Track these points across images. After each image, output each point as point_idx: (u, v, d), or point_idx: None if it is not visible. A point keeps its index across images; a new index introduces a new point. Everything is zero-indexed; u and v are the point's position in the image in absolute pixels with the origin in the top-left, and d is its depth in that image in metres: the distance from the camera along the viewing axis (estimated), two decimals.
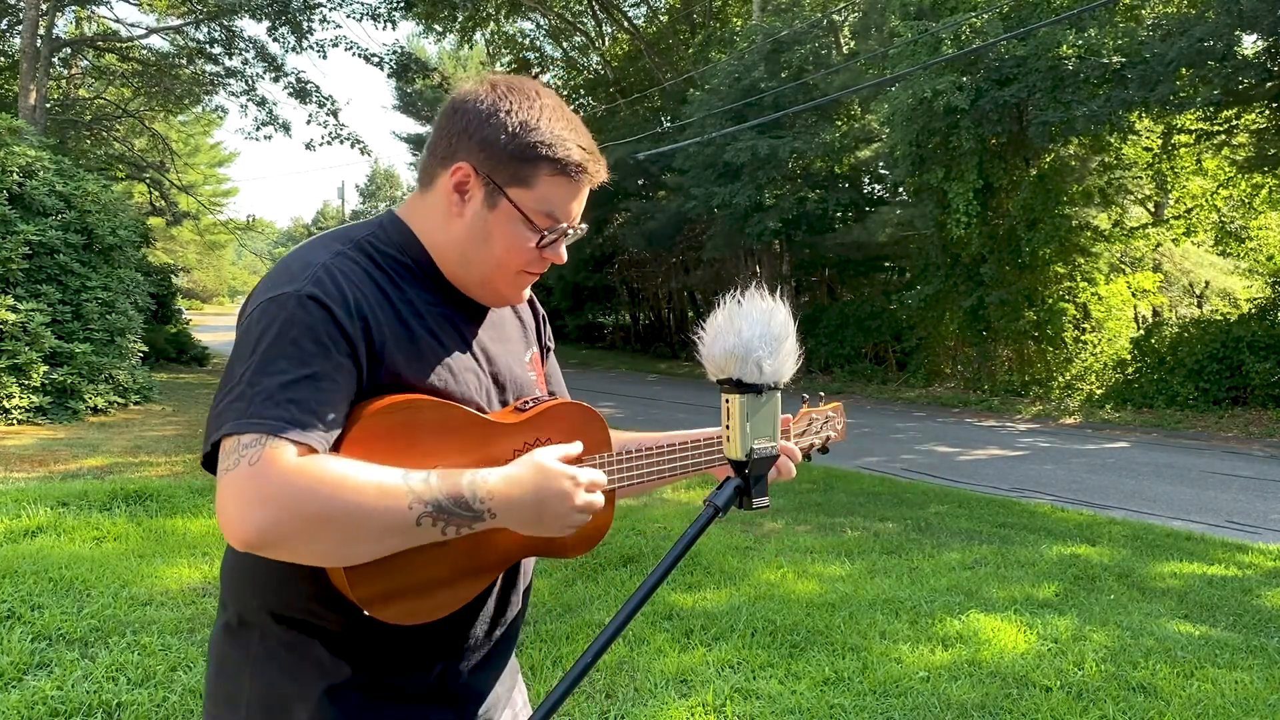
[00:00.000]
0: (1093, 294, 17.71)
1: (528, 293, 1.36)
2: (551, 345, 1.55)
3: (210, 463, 1.10)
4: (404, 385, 1.18)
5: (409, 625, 1.18)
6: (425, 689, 1.25)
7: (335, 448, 1.09)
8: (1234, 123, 15.94)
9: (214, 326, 43.94)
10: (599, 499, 1.23)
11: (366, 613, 1.14)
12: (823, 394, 1.76)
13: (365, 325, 1.14)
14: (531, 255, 1.26)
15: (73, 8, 21.09)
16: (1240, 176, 17.25)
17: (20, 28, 18.30)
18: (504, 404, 1.32)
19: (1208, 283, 19.94)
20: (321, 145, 26.52)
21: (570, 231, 1.28)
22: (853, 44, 22.75)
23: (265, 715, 1.19)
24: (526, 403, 1.33)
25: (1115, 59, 14.86)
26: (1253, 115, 15.80)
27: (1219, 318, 16.51)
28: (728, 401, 1.30)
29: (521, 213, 1.23)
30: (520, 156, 1.21)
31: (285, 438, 1.03)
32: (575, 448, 1.26)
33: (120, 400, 12.41)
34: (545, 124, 1.22)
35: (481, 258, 1.25)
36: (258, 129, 23.17)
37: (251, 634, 1.22)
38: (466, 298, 1.30)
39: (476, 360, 1.29)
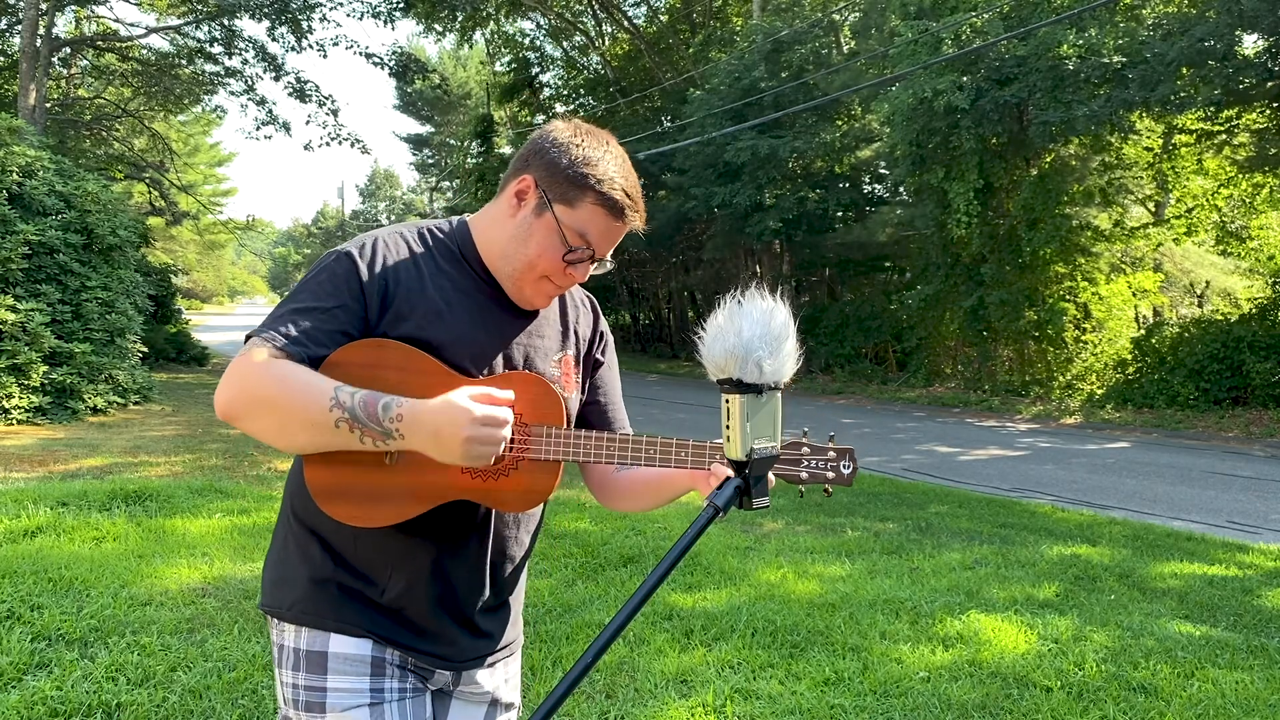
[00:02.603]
0: (1093, 294, 17.70)
1: (548, 301, 1.54)
2: (604, 360, 1.71)
3: None
4: (404, 334, 1.41)
5: (385, 553, 1.45)
6: (386, 603, 1.47)
7: (316, 367, 1.35)
8: (1235, 122, 15.93)
9: (214, 326, 43.92)
10: (493, 434, 1.33)
11: (319, 506, 1.40)
12: (833, 435, 1.64)
13: (385, 283, 1.42)
14: (557, 266, 1.47)
15: (73, 7, 21.09)
16: (1241, 176, 17.24)
17: (20, 28, 18.30)
18: None
19: (1208, 282, 19.93)
20: (321, 146, 26.60)
21: (596, 259, 1.49)
22: (853, 44, 22.76)
23: (274, 592, 1.52)
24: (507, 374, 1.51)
25: (1116, 59, 14.85)
26: (1253, 115, 15.79)
27: (1220, 317, 16.50)
28: (728, 401, 1.30)
29: (560, 227, 1.45)
30: (573, 181, 1.45)
31: (270, 344, 1.34)
32: (503, 394, 1.38)
33: (120, 400, 12.41)
34: (603, 164, 1.46)
35: (518, 255, 1.48)
36: (258, 129, 23.23)
37: (283, 528, 1.55)
38: (504, 294, 1.52)
39: (490, 337, 1.49)
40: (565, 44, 33.06)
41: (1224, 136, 16.37)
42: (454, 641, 1.53)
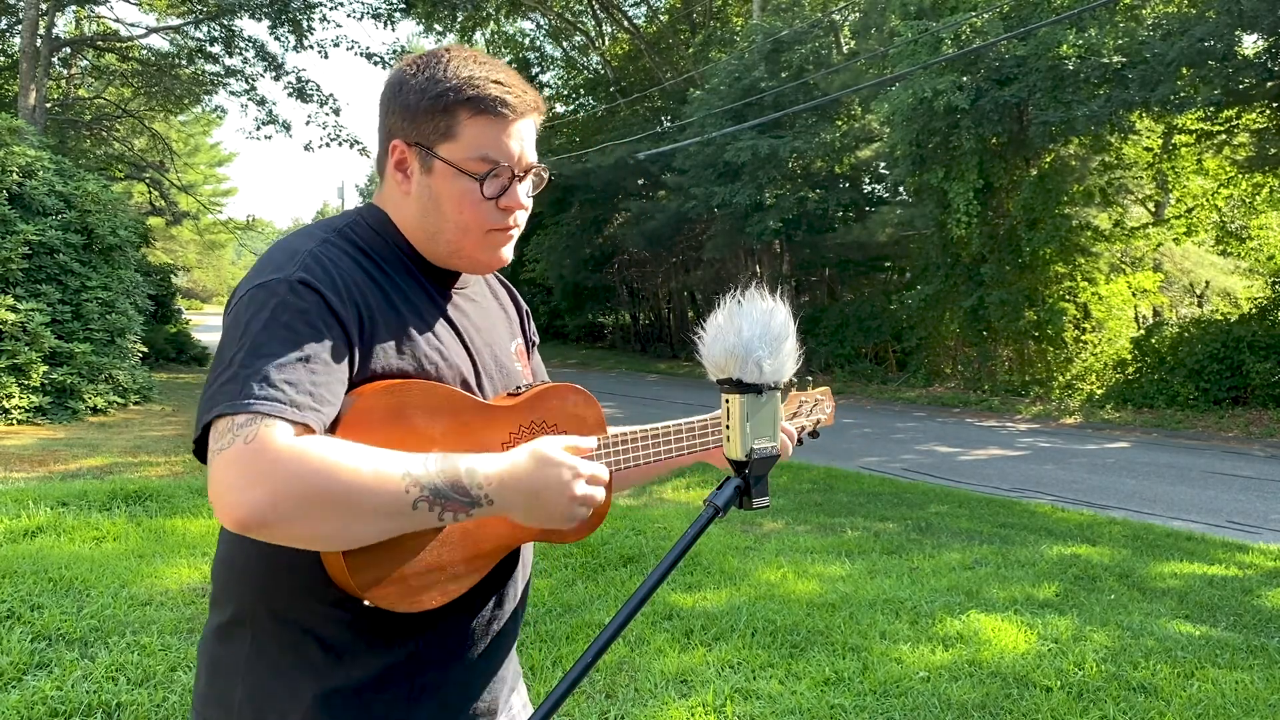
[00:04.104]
0: (1093, 294, 17.70)
1: (508, 254, 1.30)
2: (536, 340, 1.55)
3: (201, 449, 1.07)
4: (396, 370, 1.18)
5: (404, 624, 1.19)
6: (417, 688, 1.23)
7: (331, 430, 1.09)
8: (1234, 122, 15.93)
9: (214, 326, 43.93)
10: (599, 493, 1.21)
11: (366, 601, 1.12)
12: (810, 378, 1.75)
13: (358, 309, 1.15)
14: (487, 209, 1.23)
15: (73, 8, 21.09)
16: (1241, 176, 17.25)
17: (20, 28, 18.30)
18: (493, 391, 1.33)
19: (1208, 282, 19.93)
20: (321, 146, 26.64)
21: (520, 174, 1.25)
22: (853, 44, 22.75)
23: (259, 717, 1.17)
24: (519, 388, 1.34)
25: (1115, 59, 14.85)
26: (1253, 115, 15.79)
27: (1219, 317, 16.50)
28: (728, 401, 1.30)
29: (457, 167, 1.21)
30: (435, 109, 1.21)
31: (281, 417, 1.02)
32: (587, 441, 1.25)
33: (120, 400, 12.41)
34: (452, 72, 1.22)
35: (441, 226, 1.24)
36: (258, 128, 23.22)
37: (244, 633, 1.19)
38: (449, 285, 1.31)
39: (465, 346, 1.29)
40: (565, 44, 33.06)
41: (1224, 136, 16.36)
42: (493, 688, 1.35)
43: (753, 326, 1.27)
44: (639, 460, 1.39)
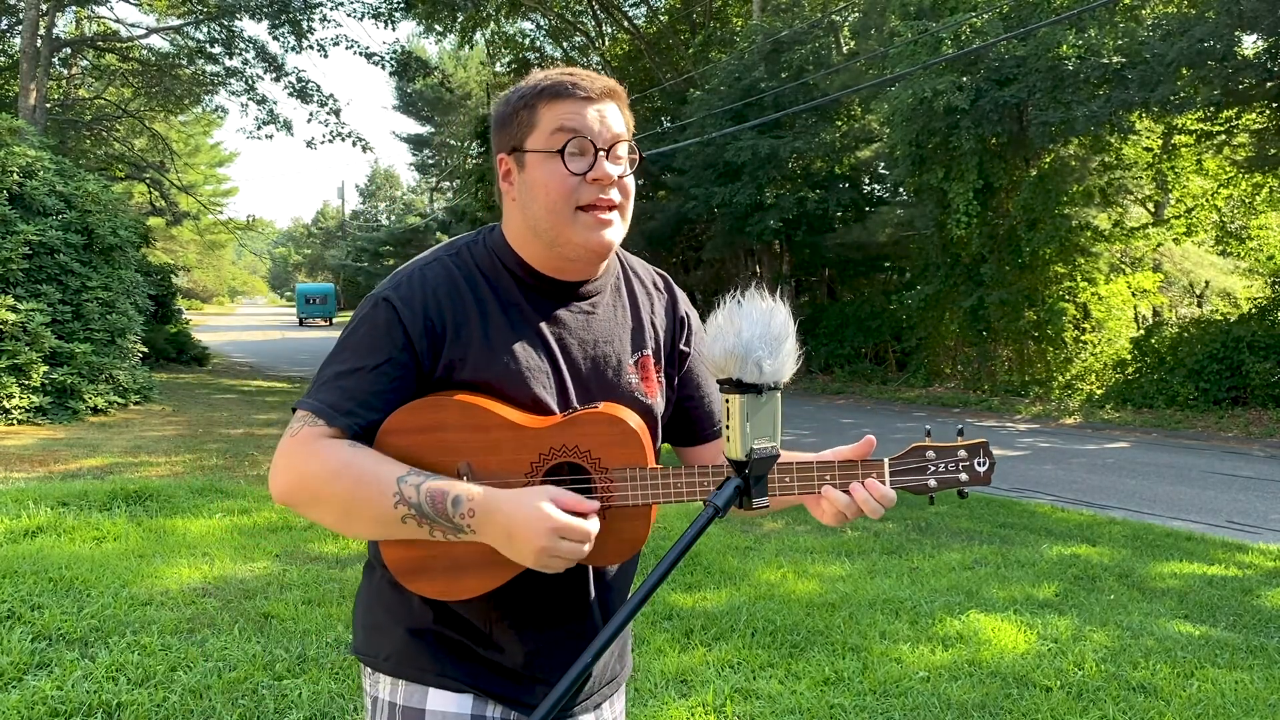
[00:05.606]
0: (1093, 294, 17.70)
1: (612, 235, 1.34)
2: (690, 349, 1.53)
3: None
4: (462, 381, 1.31)
5: (465, 600, 1.33)
6: (490, 655, 1.38)
7: (373, 434, 1.27)
8: (1234, 123, 15.92)
9: (214, 326, 43.98)
10: (574, 550, 1.22)
11: (400, 583, 1.30)
12: (961, 428, 1.48)
13: (430, 325, 1.30)
14: (573, 183, 1.31)
15: (73, 8, 21.09)
16: (1241, 176, 17.25)
17: (20, 28, 18.31)
18: (587, 400, 1.39)
19: (1208, 282, 19.93)
20: (323, 144, 26.69)
21: (599, 147, 1.30)
22: (853, 44, 22.76)
23: (368, 639, 1.43)
24: (572, 409, 1.36)
25: (1115, 59, 14.85)
26: (1253, 115, 15.79)
27: (1219, 318, 16.50)
28: (728, 402, 1.30)
29: (539, 151, 1.32)
30: (519, 109, 1.34)
31: (322, 419, 1.25)
32: (588, 504, 1.25)
33: (120, 400, 12.42)
34: (531, 80, 1.36)
35: (538, 215, 1.33)
36: (258, 128, 23.18)
37: (374, 572, 1.44)
38: (559, 298, 1.39)
39: (554, 360, 1.37)
40: (565, 44, 33.04)
41: (1223, 137, 16.36)
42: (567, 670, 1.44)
43: (753, 327, 1.27)
44: (684, 497, 1.35)
